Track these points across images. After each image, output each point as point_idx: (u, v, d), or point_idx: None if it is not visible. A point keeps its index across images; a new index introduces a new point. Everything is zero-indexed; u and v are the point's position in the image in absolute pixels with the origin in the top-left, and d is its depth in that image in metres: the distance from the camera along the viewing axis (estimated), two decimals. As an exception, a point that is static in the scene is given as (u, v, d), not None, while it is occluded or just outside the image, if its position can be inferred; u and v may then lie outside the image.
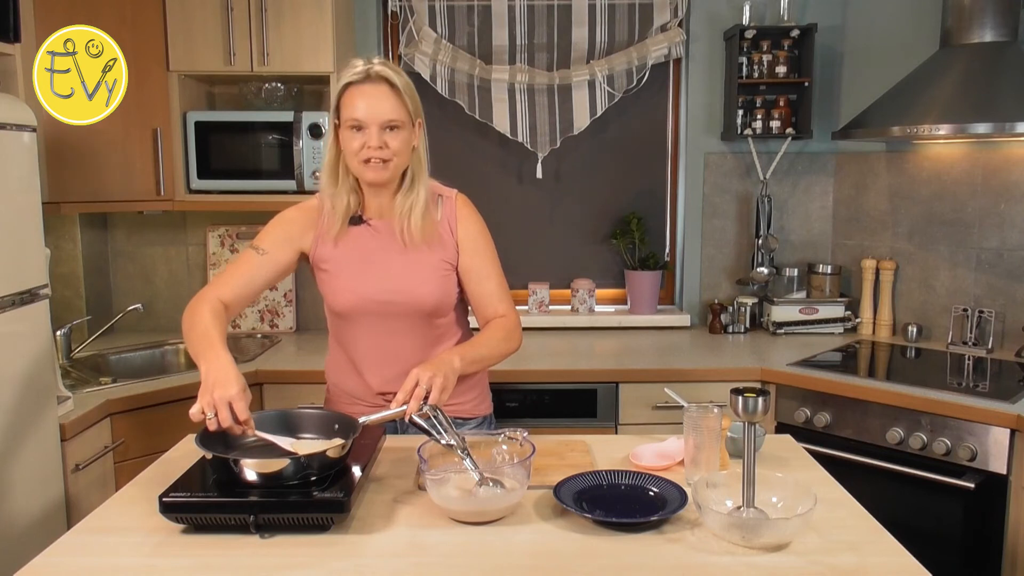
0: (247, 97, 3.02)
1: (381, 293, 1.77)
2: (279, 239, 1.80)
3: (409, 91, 1.70)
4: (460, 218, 1.82)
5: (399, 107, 1.67)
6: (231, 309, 1.73)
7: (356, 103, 1.66)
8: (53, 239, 2.82)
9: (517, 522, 1.42)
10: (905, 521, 1.64)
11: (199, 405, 1.44)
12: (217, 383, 1.45)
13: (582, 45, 3.13)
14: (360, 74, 1.66)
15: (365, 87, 1.66)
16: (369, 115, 1.65)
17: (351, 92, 1.67)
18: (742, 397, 1.36)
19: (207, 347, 1.55)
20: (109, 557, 1.31)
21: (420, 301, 1.77)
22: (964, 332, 2.81)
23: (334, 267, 1.79)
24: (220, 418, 1.43)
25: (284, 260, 1.79)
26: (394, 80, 1.67)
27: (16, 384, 1.92)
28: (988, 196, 2.80)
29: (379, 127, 1.66)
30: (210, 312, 1.65)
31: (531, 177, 3.22)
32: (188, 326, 1.65)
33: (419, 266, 1.78)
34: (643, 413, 2.60)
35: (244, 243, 3.18)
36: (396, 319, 1.78)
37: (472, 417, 1.91)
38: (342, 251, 1.79)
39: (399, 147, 1.68)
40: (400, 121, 1.67)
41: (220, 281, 1.75)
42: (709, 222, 3.24)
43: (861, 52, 3.08)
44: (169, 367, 2.92)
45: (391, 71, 1.67)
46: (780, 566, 1.27)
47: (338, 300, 1.79)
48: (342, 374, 1.89)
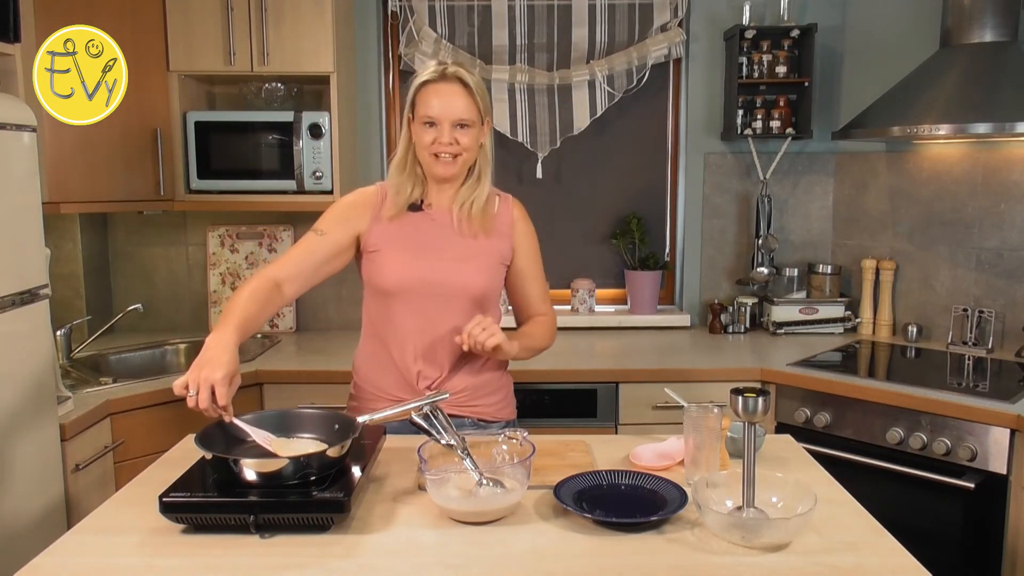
0: (247, 97, 3.02)
1: (431, 272, 1.81)
2: (337, 219, 1.85)
3: (481, 91, 1.78)
4: (517, 219, 1.90)
5: (471, 106, 1.75)
6: (285, 287, 1.75)
7: (431, 100, 1.74)
8: (53, 239, 2.82)
9: (517, 522, 1.42)
10: (905, 521, 1.64)
11: (185, 379, 1.46)
12: (207, 362, 1.47)
13: (582, 45, 3.13)
14: (436, 73, 1.75)
15: (440, 85, 1.75)
16: (442, 112, 1.74)
17: (427, 90, 1.75)
18: (742, 397, 1.36)
19: (221, 323, 1.58)
20: (109, 557, 1.31)
21: (468, 286, 1.81)
22: (964, 332, 2.81)
23: (386, 246, 1.83)
24: (199, 398, 1.44)
25: (342, 240, 1.83)
26: (467, 80, 1.75)
27: (16, 384, 1.92)
28: (988, 196, 2.80)
29: (451, 124, 1.74)
30: (251, 290, 1.68)
31: (531, 177, 3.22)
32: (229, 298, 1.67)
33: (473, 253, 1.84)
34: (643, 413, 2.60)
35: (244, 243, 3.19)
36: (440, 300, 1.81)
37: (495, 420, 1.91)
38: (396, 232, 1.83)
39: (469, 143, 1.77)
40: (471, 120, 1.76)
41: (277, 261, 1.81)
42: (709, 222, 3.24)
43: (861, 52, 3.08)
44: (169, 367, 2.93)
45: (465, 71, 1.76)
46: (780, 566, 1.27)
47: (385, 277, 1.82)
48: (374, 366, 1.89)
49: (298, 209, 2.94)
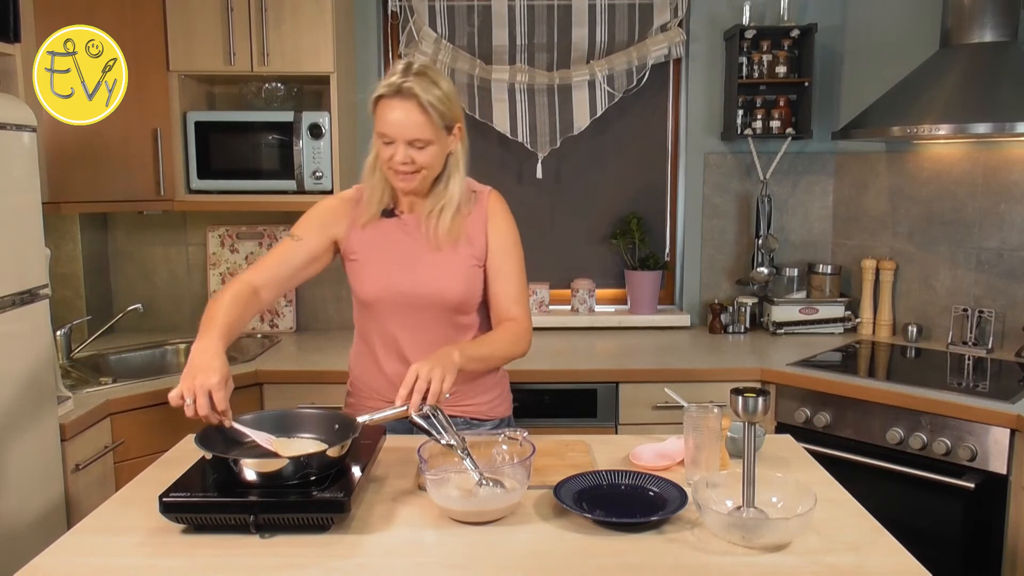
0: (247, 97, 3.02)
1: (407, 285, 1.78)
2: (313, 225, 1.83)
3: (443, 104, 1.66)
4: (491, 215, 1.83)
5: (425, 126, 1.65)
6: (262, 293, 1.74)
7: (385, 117, 1.67)
8: (53, 239, 2.82)
9: (517, 522, 1.42)
10: (905, 521, 1.64)
11: (179, 390, 1.45)
12: (200, 369, 1.46)
13: (582, 45, 3.13)
14: (391, 88, 1.65)
15: (395, 102, 1.65)
16: (396, 132, 1.66)
17: (382, 105, 1.67)
18: (742, 397, 1.36)
19: (204, 330, 1.57)
20: (109, 557, 1.31)
21: (445, 296, 1.79)
22: (964, 332, 2.81)
23: (363, 256, 1.82)
24: (198, 406, 1.43)
25: (317, 246, 1.82)
26: (423, 99, 1.63)
27: (16, 384, 1.92)
28: (988, 196, 2.79)
29: (405, 143, 1.67)
30: (231, 296, 1.67)
31: (531, 177, 3.22)
32: (207, 307, 1.66)
33: (446, 262, 1.79)
34: (643, 413, 2.60)
35: (244, 243, 3.19)
36: (421, 312, 1.79)
37: (488, 419, 1.90)
38: (371, 241, 1.81)
39: (426, 161, 1.69)
40: (426, 139, 1.66)
41: (254, 266, 1.79)
42: (709, 222, 3.24)
43: (861, 52, 3.08)
44: (169, 367, 2.93)
45: (421, 89, 1.63)
46: (780, 566, 1.27)
47: (364, 289, 1.81)
48: (364, 367, 1.89)
49: (298, 209, 2.88)
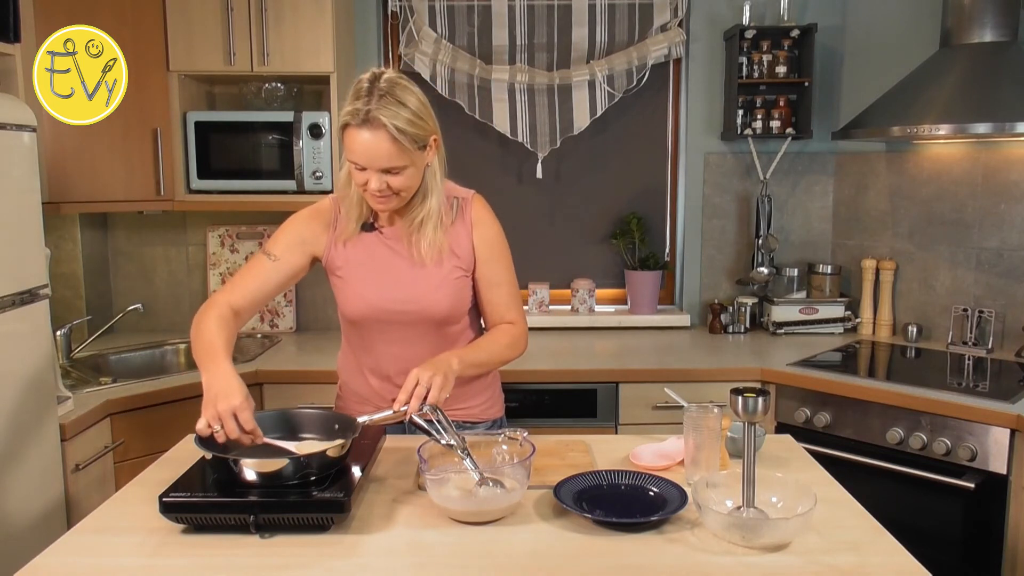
0: (247, 97, 3.02)
1: (392, 302, 1.75)
2: (291, 243, 1.77)
3: (414, 127, 1.58)
4: (476, 222, 1.78)
5: (397, 153, 1.58)
6: (241, 315, 1.71)
7: (354, 147, 1.59)
8: (53, 239, 2.82)
9: (517, 522, 1.42)
10: (905, 521, 1.64)
11: (205, 419, 1.43)
12: (220, 395, 1.45)
13: (582, 45, 3.13)
14: (357, 118, 1.56)
15: (363, 132, 1.56)
16: (367, 162, 1.59)
17: (349, 133, 1.58)
18: (742, 397, 1.36)
19: (210, 358, 1.54)
20: (109, 557, 1.31)
21: (432, 310, 1.75)
22: (964, 332, 2.81)
23: (346, 273, 1.78)
24: (227, 430, 1.43)
25: (296, 265, 1.77)
26: (390, 127, 1.54)
27: (16, 384, 1.92)
28: (988, 196, 2.79)
29: (378, 171, 1.60)
30: (217, 319, 1.63)
31: (531, 177, 3.22)
32: (195, 334, 1.64)
33: (431, 276, 1.75)
34: (643, 413, 2.60)
35: (244, 243, 3.19)
36: (408, 327, 1.77)
37: (481, 421, 1.89)
38: (354, 258, 1.78)
39: (402, 184, 1.62)
40: (399, 165, 1.60)
41: (230, 287, 1.73)
42: (709, 222, 3.24)
43: (861, 52, 3.08)
44: (169, 367, 2.93)
45: (388, 116, 1.54)
46: (780, 566, 1.27)
47: (350, 307, 1.78)
48: (352, 375, 1.88)
49: (298, 209, 2.92)
